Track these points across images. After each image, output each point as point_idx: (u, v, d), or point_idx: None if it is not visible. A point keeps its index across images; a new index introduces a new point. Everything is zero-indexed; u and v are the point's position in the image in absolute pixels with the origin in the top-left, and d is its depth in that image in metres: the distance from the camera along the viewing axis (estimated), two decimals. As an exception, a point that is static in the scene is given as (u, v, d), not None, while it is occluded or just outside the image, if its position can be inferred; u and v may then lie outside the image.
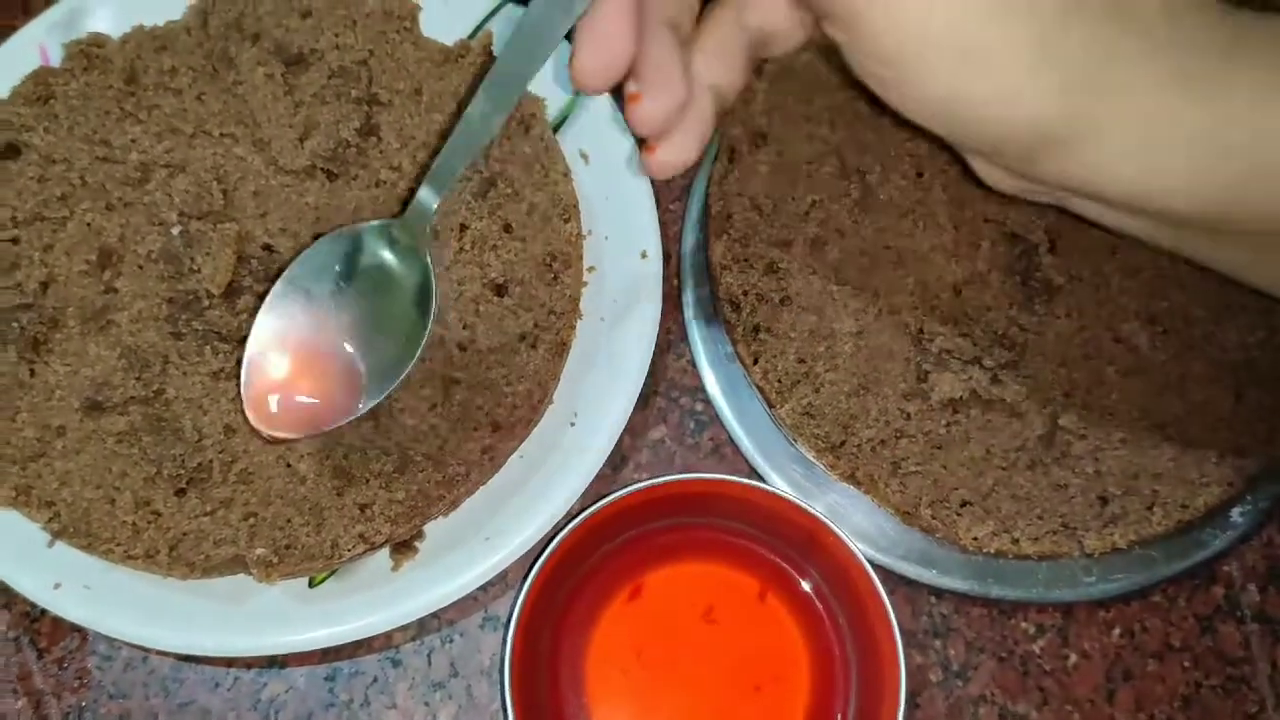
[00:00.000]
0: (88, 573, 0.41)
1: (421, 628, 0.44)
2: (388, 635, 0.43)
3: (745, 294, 0.44)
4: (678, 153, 0.34)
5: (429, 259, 0.41)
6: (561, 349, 0.43)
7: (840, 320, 0.44)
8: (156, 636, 0.41)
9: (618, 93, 0.34)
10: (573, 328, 0.44)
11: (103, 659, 0.43)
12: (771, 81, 0.46)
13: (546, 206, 0.44)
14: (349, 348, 0.39)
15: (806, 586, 0.43)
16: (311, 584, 0.42)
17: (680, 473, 0.46)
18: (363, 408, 0.39)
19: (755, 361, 0.43)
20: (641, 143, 0.35)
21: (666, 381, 0.47)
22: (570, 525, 0.39)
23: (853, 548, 0.39)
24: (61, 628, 0.43)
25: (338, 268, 0.39)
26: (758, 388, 0.43)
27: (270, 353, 0.38)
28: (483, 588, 0.42)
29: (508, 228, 0.44)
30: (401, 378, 0.39)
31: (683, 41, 0.34)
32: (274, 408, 0.38)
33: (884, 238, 0.44)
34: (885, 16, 0.30)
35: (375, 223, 0.41)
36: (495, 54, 0.46)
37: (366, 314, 0.39)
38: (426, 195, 0.40)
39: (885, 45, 0.31)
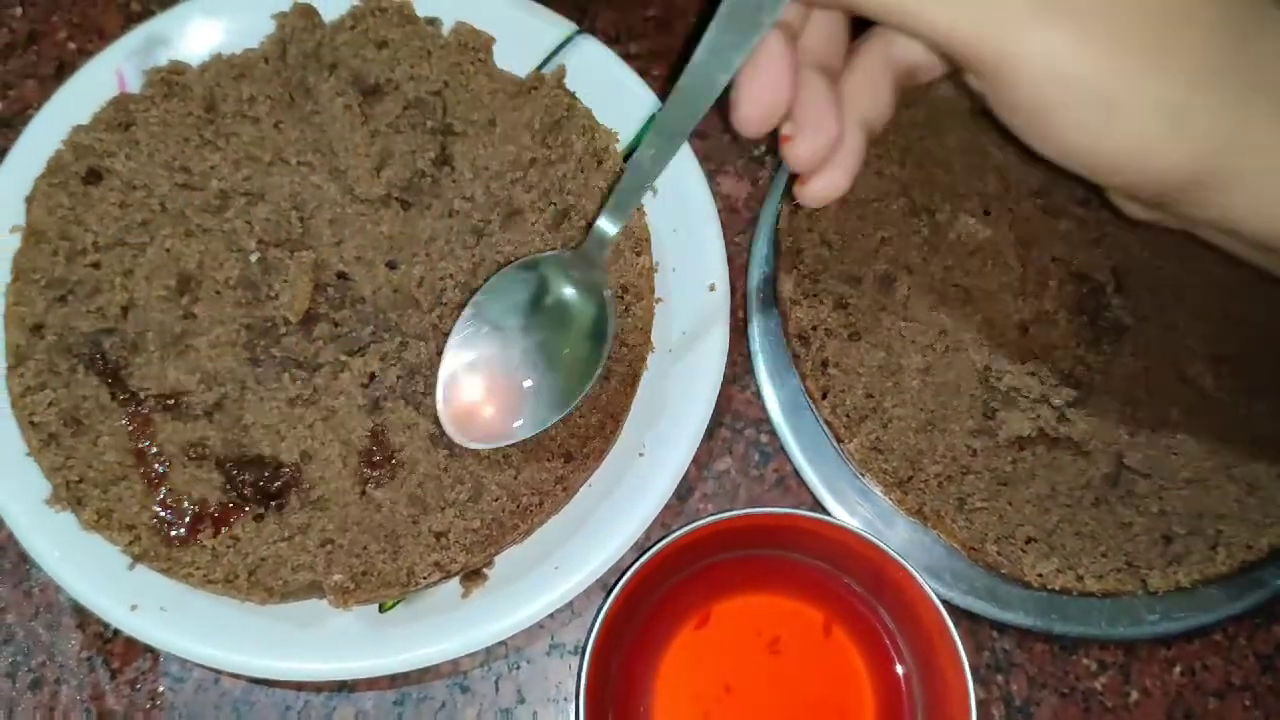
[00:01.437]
0: (163, 595, 0.41)
1: (489, 654, 0.44)
2: (455, 661, 0.44)
3: (814, 329, 0.44)
4: (828, 185, 0.36)
5: (606, 292, 0.42)
6: (633, 380, 0.44)
7: (908, 356, 0.44)
8: (229, 659, 0.41)
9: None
10: (644, 360, 0.44)
11: (175, 681, 0.44)
12: (840, 119, 0.46)
13: (619, 239, 0.45)
14: (528, 375, 0.41)
15: (873, 621, 0.43)
16: (382, 609, 0.42)
17: (745, 504, 0.47)
18: (543, 425, 0.41)
19: (824, 396, 0.44)
20: (794, 175, 0.37)
21: (732, 413, 0.47)
22: (642, 559, 0.40)
23: (922, 583, 0.39)
24: (134, 649, 0.44)
25: (521, 301, 0.42)
26: (826, 422, 0.44)
27: (461, 376, 0.41)
28: (550, 615, 0.42)
29: (580, 259, 0.45)
30: (580, 399, 0.41)
31: (833, 80, 0.35)
32: (466, 423, 0.41)
33: (952, 275, 0.45)
34: (1027, 71, 0.31)
35: (553, 254, 0.43)
36: (568, 88, 0.47)
37: (545, 344, 0.42)
38: (606, 225, 0.40)
39: (1025, 98, 0.32)
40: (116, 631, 0.43)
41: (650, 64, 0.52)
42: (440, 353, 0.43)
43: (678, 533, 0.40)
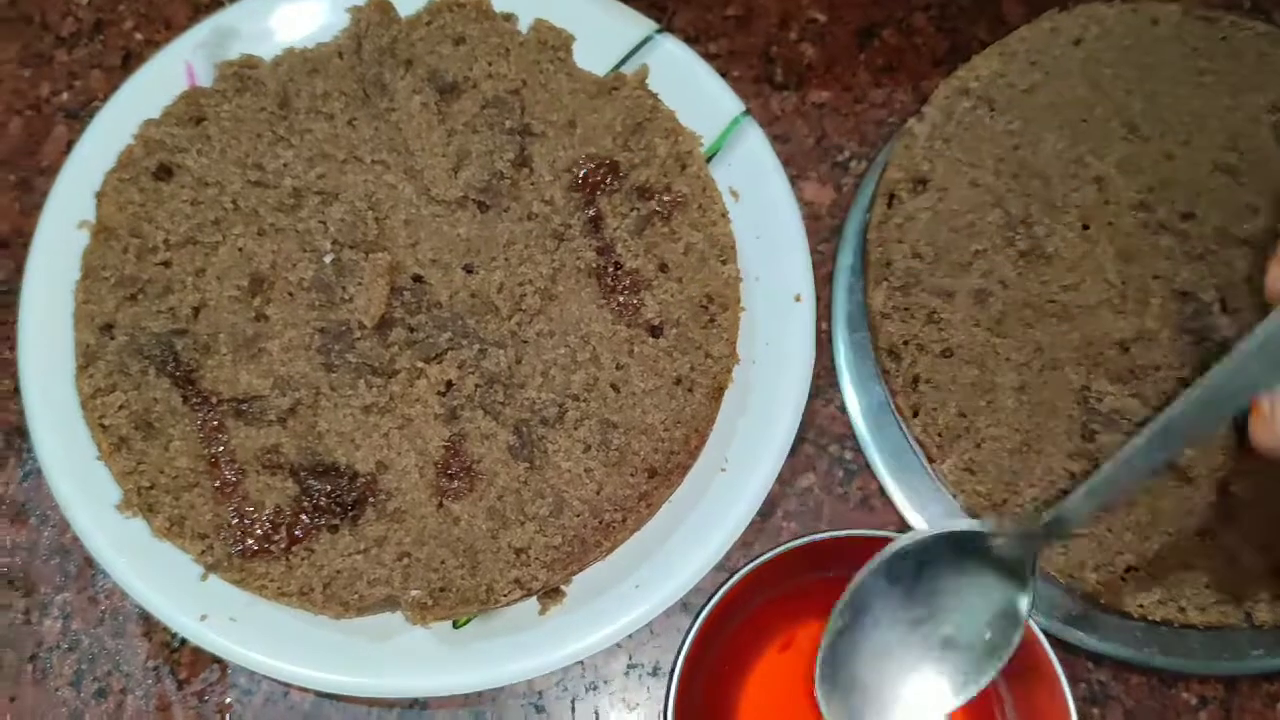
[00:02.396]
0: (233, 605, 0.40)
1: (565, 673, 0.43)
2: (530, 680, 0.42)
3: (905, 344, 0.43)
4: None
5: (1034, 583, 0.36)
6: (718, 394, 0.42)
7: (1002, 374, 0.42)
8: (300, 673, 0.40)
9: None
10: (729, 372, 0.43)
11: (243, 693, 0.42)
12: (933, 126, 0.45)
13: (704, 247, 0.44)
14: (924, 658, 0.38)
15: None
16: (456, 625, 0.41)
17: (828, 522, 0.45)
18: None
19: (915, 414, 0.42)
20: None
21: (815, 428, 0.46)
22: (730, 580, 0.38)
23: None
24: (202, 659, 0.43)
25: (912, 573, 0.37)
26: (917, 441, 0.42)
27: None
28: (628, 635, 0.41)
29: (664, 267, 0.43)
30: (984, 682, 0.37)
31: None
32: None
33: (1049, 291, 0.43)
34: None
35: (986, 527, 0.36)
36: (650, 89, 0.45)
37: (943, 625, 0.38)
38: (1070, 513, 0.34)
39: None
40: (184, 641, 0.42)
41: (730, 64, 0.50)
42: (520, 361, 0.42)
43: (767, 555, 0.38)
